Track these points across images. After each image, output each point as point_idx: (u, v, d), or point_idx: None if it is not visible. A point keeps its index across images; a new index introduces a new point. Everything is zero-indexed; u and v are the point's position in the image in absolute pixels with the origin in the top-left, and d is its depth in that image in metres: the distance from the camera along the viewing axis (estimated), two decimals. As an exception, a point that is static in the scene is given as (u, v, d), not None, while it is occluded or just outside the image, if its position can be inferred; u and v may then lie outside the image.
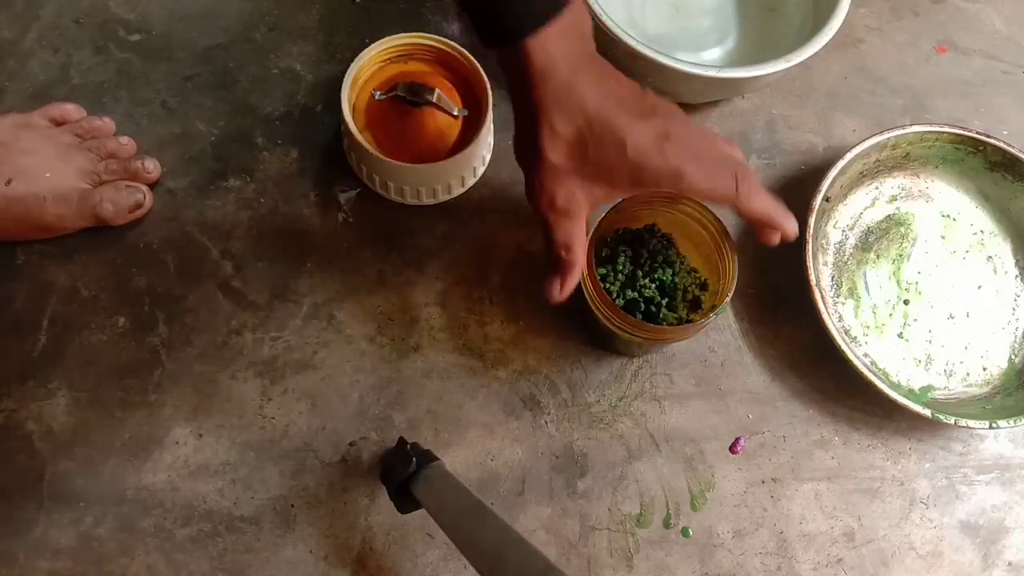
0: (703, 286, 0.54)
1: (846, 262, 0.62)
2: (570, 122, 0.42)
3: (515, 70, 0.42)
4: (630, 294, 0.53)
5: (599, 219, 0.50)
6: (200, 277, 0.57)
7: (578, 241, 0.45)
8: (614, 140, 0.42)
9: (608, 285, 0.53)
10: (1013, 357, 0.61)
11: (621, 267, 0.53)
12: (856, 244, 0.62)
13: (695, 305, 0.54)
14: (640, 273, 0.53)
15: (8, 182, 0.53)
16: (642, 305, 0.53)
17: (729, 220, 0.63)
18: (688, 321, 0.53)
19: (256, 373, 0.55)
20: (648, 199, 0.51)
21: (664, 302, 0.53)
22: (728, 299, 0.49)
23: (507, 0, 0.40)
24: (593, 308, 0.50)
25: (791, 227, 0.46)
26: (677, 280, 0.54)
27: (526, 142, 0.44)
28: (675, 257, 0.54)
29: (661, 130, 0.43)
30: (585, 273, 0.49)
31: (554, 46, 0.41)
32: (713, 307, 0.50)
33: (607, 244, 0.54)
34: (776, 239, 0.47)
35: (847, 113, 0.67)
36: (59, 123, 0.58)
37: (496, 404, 0.56)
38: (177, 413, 0.54)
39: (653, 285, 0.53)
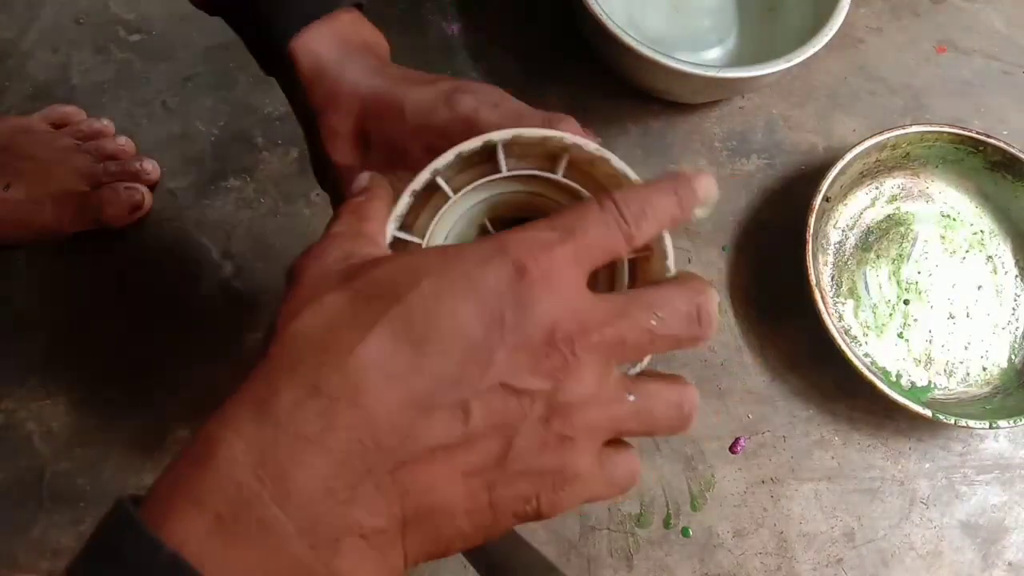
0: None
1: (846, 262, 0.62)
2: (346, 115, 0.38)
3: (289, 83, 0.39)
4: None
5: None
6: (200, 277, 0.57)
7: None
8: (391, 111, 0.37)
9: None
10: (1013, 357, 0.61)
11: None
12: (856, 244, 0.62)
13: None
14: None
15: (7, 187, 0.53)
16: None
17: (734, 223, 0.63)
18: None
19: (256, 373, 0.55)
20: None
21: None
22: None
23: (271, 7, 0.37)
24: None
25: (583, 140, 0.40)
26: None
27: (317, 159, 0.40)
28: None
29: (447, 88, 0.37)
30: None
31: (320, 46, 0.38)
32: None
33: None
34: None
35: (847, 113, 0.67)
36: (59, 126, 0.58)
37: (496, 404, 0.56)
38: (177, 413, 0.54)
39: None
